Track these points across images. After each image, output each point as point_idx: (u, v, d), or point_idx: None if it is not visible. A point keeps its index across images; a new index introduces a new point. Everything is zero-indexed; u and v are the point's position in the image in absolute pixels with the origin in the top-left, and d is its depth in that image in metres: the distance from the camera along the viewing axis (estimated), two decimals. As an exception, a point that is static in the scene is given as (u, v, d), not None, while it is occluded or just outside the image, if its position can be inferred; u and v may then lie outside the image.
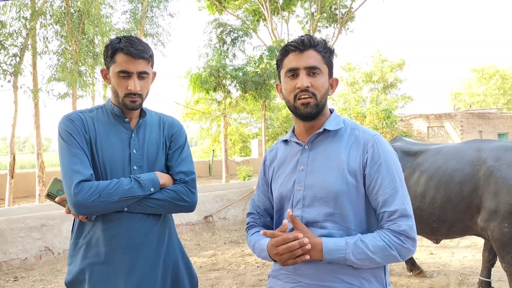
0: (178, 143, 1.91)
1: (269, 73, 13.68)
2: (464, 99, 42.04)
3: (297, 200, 1.56)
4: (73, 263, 1.79)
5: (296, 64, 1.54)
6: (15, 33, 10.56)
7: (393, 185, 1.49)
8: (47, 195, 1.82)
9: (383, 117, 21.01)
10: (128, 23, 13.67)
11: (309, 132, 1.62)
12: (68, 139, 1.72)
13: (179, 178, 1.84)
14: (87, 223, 1.78)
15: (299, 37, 1.58)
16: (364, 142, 1.55)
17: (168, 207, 1.80)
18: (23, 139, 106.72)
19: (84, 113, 1.83)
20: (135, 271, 1.74)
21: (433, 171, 3.74)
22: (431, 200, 3.67)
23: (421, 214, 3.70)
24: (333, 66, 1.62)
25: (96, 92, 13.13)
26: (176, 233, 1.96)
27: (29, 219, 5.74)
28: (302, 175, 1.57)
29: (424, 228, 3.77)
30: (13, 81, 10.71)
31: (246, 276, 5.07)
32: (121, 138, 1.81)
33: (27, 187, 14.47)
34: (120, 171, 1.77)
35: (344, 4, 18.01)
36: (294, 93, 1.55)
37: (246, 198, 8.19)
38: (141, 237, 1.76)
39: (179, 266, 1.87)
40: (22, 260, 5.55)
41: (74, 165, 1.67)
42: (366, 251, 1.41)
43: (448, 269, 5.07)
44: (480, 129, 21.78)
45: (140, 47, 1.76)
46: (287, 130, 27.62)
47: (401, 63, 38.13)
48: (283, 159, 1.68)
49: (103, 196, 1.65)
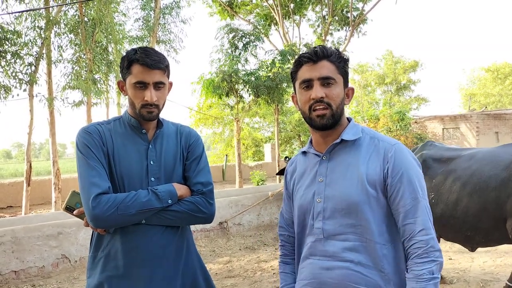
0: (195, 154, 1.89)
1: (281, 77, 13.65)
2: (479, 99, 41.45)
3: (318, 212, 1.55)
4: (92, 276, 1.78)
5: (309, 75, 1.54)
6: (30, 42, 10.73)
7: (414, 195, 1.46)
8: (66, 208, 1.82)
9: (396, 120, 20.80)
10: (140, 30, 13.81)
11: (326, 142, 1.60)
12: (85, 151, 1.72)
13: (196, 189, 1.82)
14: (105, 236, 1.77)
15: (312, 48, 1.57)
16: (385, 151, 1.52)
17: (186, 218, 1.78)
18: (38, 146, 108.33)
19: (102, 125, 1.83)
20: (153, 284, 1.73)
21: (467, 178, 3.59)
22: (464, 207, 3.53)
23: (454, 222, 3.58)
24: (348, 75, 1.60)
25: (110, 100, 13.28)
26: (195, 245, 1.94)
27: (45, 227, 5.78)
28: (321, 187, 1.56)
29: (458, 236, 3.67)
30: (29, 90, 10.88)
31: (262, 283, 5.03)
32: (138, 150, 1.80)
33: (43, 194, 14.62)
34: (137, 183, 1.76)
35: (356, 7, 17.91)
36: (309, 104, 1.54)
37: (261, 203, 8.16)
38: (159, 250, 1.75)
39: (198, 279, 1.85)
40: (40, 268, 5.60)
41: (92, 178, 1.66)
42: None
43: (468, 275, 4.97)
44: (497, 130, 21.43)
45: (156, 57, 1.75)
46: (300, 133, 27.54)
47: (414, 64, 37.82)
48: (303, 171, 1.66)
49: (120, 209, 1.64)
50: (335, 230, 1.51)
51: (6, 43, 10.16)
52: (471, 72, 44.51)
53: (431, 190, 3.81)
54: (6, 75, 10.33)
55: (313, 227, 1.55)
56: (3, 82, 10.38)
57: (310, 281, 1.56)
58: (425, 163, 4.00)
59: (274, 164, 18.98)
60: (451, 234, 3.70)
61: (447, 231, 3.78)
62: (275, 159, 18.35)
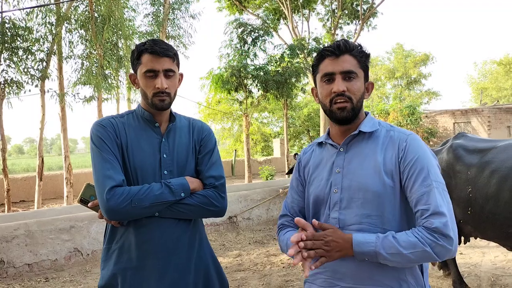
0: (208, 148, 1.91)
1: (290, 72, 13.64)
2: (490, 93, 40.96)
3: (334, 202, 1.56)
4: (106, 267, 1.81)
5: (332, 69, 1.55)
6: (41, 38, 10.83)
7: (427, 182, 1.45)
8: (80, 201, 1.84)
9: (407, 114, 20.67)
10: (150, 26, 13.86)
11: (344, 134, 1.62)
12: (100, 144, 1.74)
13: (209, 183, 1.84)
14: (119, 228, 1.79)
15: (335, 42, 1.58)
16: (399, 141, 1.54)
17: (198, 212, 1.80)
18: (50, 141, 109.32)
19: (115, 118, 1.85)
20: (166, 276, 1.75)
21: (507, 171, 3.34)
22: (506, 203, 3.28)
23: (494, 218, 3.36)
24: (368, 69, 1.61)
25: (121, 95, 13.36)
26: (207, 238, 1.96)
27: (58, 221, 5.87)
28: (338, 178, 1.57)
29: (498, 234, 3.44)
30: (40, 85, 10.99)
31: (272, 277, 5.06)
32: (151, 143, 1.82)
33: (55, 189, 14.82)
34: (151, 176, 1.78)
35: (366, 0, 17.77)
36: (330, 97, 1.56)
37: (270, 199, 8.18)
38: (172, 242, 1.77)
39: (210, 271, 1.88)
40: (52, 261, 5.68)
41: (106, 171, 1.68)
42: (397, 246, 1.38)
43: (480, 269, 4.94)
44: (509, 125, 21.19)
45: (164, 46, 1.79)
46: (309, 128, 27.51)
47: (424, 57, 37.44)
48: (319, 161, 1.68)
49: (134, 202, 1.67)
50: (350, 220, 1.52)
51: (17, 39, 10.28)
52: (482, 66, 43.92)
53: (468, 183, 3.59)
54: (18, 71, 10.45)
55: (329, 217, 1.56)
56: (15, 78, 10.51)
57: (323, 270, 1.58)
58: (456, 153, 3.82)
59: (283, 159, 18.97)
60: (491, 232, 3.46)
61: (486, 228, 3.53)
62: (284, 154, 18.34)
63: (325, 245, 1.41)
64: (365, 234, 1.44)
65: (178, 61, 1.86)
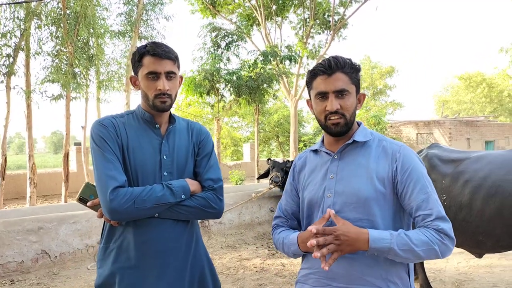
0: (206, 150, 1.94)
1: (263, 78, 13.75)
2: (451, 106, 42.64)
3: (327, 206, 1.63)
4: (103, 266, 1.81)
5: (324, 88, 1.63)
6: (8, 33, 10.47)
7: (425, 190, 1.56)
8: (79, 199, 1.82)
9: (373, 123, 21.22)
10: (123, 26, 13.63)
11: (338, 143, 1.71)
12: (101, 144, 1.74)
13: (207, 185, 1.87)
14: (117, 227, 1.80)
15: (326, 60, 1.64)
16: (392, 152, 1.64)
17: (197, 213, 1.83)
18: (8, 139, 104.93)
19: (116, 118, 1.85)
20: (165, 276, 1.77)
21: (480, 181, 3.45)
22: (478, 212, 3.39)
23: (467, 226, 3.45)
24: (359, 82, 1.69)
25: (90, 94, 13.07)
26: (202, 239, 2.00)
27: (26, 221, 5.68)
28: (332, 183, 1.65)
29: (469, 241, 3.53)
30: (6, 81, 10.61)
31: (245, 281, 5.09)
32: (152, 144, 1.83)
33: (17, 189, 14.29)
34: (151, 177, 1.79)
35: (337, 12, 18.17)
36: (325, 114, 1.64)
37: (243, 203, 8.21)
38: (171, 243, 1.79)
39: (205, 271, 1.91)
40: (19, 263, 5.50)
41: (109, 171, 1.69)
42: (410, 243, 1.47)
43: (444, 274, 5.16)
44: (468, 137, 22.13)
45: (166, 48, 1.82)
46: (278, 134, 27.72)
47: (390, 70, 38.63)
48: (313, 167, 1.76)
49: (137, 203, 1.68)
50: None
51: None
52: (444, 79, 45.70)
53: (443, 192, 3.70)
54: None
55: None
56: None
57: (315, 270, 1.65)
58: (431, 162, 3.92)
59: (253, 164, 19.05)
60: (462, 239, 3.51)
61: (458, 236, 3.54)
62: (254, 159, 18.41)
63: (335, 239, 1.46)
64: (379, 231, 1.51)
65: (179, 63, 1.90)
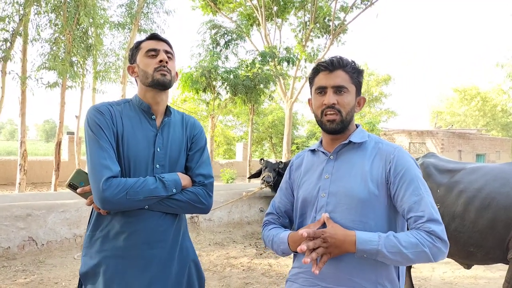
0: (199, 145, 1.94)
1: (260, 78, 13.76)
2: (445, 117, 42.96)
3: (321, 205, 1.65)
4: (88, 254, 1.80)
5: (324, 83, 1.67)
6: (7, 18, 10.39)
7: (417, 191, 1.56)
8: (69, 185, 1.79)
9: (367, 130, 21.33)
10: (123, 17, 13.58)
11: (335, 143, 1.72)
12: (97, 131, 1.72)
13: (198, 181, 1.87)
14: (106, 216, 1.79)
15: (330, 58, 1.69)
16: (387, 153, 1.65)
17: (186, 208, 1.83)
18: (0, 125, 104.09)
19: (113, 105, 1.83)
20: (150, 267, 1.77)
21: (474, 192, 3.47)
22: (471, 223, 3.40)
23: (459, 236, 3.47)
24: (361, 85, 1.72)
25: (86, 84, 13.00)
26: (188, 233, 2.00)
27: (14, 207, 5.65)
28: (326, 183, 1.67)
29: (460, 252, 3.54)
30: (2, 66, 10.54)
31: (231, 279, 5.10)
32: (146, 135, 1.82)
33: (6, 175, 14.18)
34: (143, 168, 1.78)
35: (337, 16, 18.22)
36: (321, 109, 1.67)
37: (233, 201, 8.22)
38: (158, 235, 1.79)
39: (190, 264, 1.91)
40: (5, 249, 5.46)
41: (103, 160, 1.67)
42: (398, 245, 1.45)
43: (429, 283, 5.20)
44: (460, 149, 22.31)
45: (162, 36, 1.89)
46: (272, 135, 27.76)
47: (387, 78, 38.84)
48: (309, 167, 1.77)
49: (130, 194, 1.67)
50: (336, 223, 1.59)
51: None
52: (439, 91, 46.09)
53: (437, 201, 3.67)
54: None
55: (315, 219, 1.65)
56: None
57: (304, 270, 1.66)
58: (427, 170, 3.94)
59: (245, 164, 19.04)
60: (453, 249, 3.51)
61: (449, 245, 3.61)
62: (246, 159, 18.41)
63: (323, 241, 1.48)
64: (367, 233, 1.51)
65: (175, 55, 1.93)
